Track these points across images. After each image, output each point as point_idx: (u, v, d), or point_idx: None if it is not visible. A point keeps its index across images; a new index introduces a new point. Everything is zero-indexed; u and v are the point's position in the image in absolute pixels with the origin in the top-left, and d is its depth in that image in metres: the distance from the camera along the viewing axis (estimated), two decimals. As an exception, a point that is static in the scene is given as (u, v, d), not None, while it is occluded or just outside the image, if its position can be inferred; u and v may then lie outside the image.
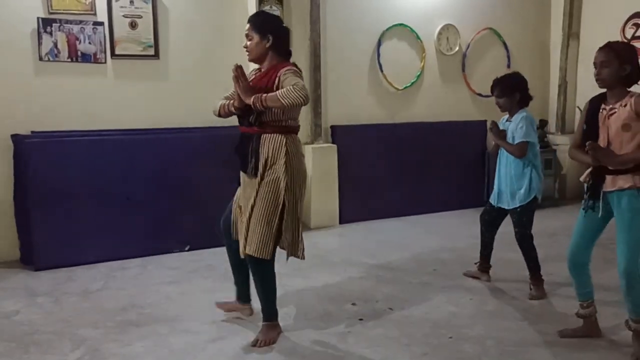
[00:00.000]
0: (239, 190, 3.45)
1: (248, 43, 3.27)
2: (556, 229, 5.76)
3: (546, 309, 3.83)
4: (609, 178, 3.02)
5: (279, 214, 3.20)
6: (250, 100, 3.06)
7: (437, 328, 3.52)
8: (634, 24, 6.94)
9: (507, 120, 4.16)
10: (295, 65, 3.27)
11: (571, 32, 7.60)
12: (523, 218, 4.03)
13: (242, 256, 3.32)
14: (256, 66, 3.41)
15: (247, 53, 3.30)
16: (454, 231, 6.04)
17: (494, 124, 4.11)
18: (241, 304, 3.65)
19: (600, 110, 3.07)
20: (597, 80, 3.05)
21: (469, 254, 5.06)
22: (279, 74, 3.14)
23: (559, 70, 7.66)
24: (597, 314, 3.32)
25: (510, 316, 3.70)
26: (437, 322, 3.61)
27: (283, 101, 2.98)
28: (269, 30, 3.23)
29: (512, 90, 4.04)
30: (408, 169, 6.81)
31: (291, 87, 2.99)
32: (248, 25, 3.27)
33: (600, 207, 3.06)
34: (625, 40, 6.94)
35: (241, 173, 3.35)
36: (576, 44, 7.64)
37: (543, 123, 7.43)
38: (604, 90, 3.09)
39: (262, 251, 3.19)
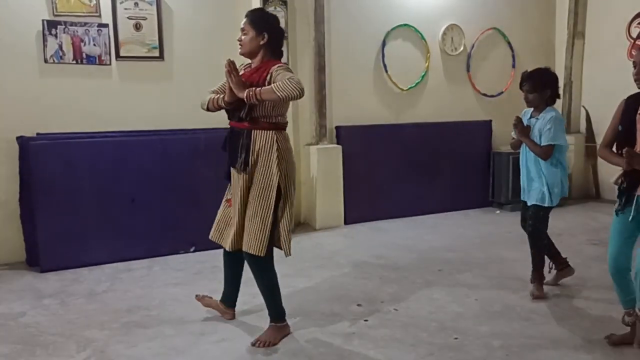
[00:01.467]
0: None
1: (243, 37, 3.29)
2: (561, 229, 5.73)
3: (552, 309, 3.80)
4: None
5: (273, 210, 3.20)
6: (243, 94, 3.07)
7: (443, 328, 3.51)
8: (640, 23, 6.93)
9: (531, 116, 3.98)
10: (287, 64, 3.28)
11: (576, 31, 7.58)
12: (540, 212, 3.94)
13: (228, 248, 3.36)
14: (247, 61, 3.41)
15: (240, 46, 3.33)
16: (459, 231, 6.03)
17: (519, 120, 3.92)
18: (224, 307, 3.70)
19: (638, 113, 2.93)
20: (635, 80, 2.92)
21: (474, 254, 5.05)
22: (270, 71, 3.16)
23: (564, 69, 7.62)
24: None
25: (517, 317, 3.68)
26: (442, 322, 3.60)
27: (279, 93, 2.98)
28: (266, 28, 3.25)
29: (544, 86, 3.86)
30: (413, 169, 6.81)
31: (286, 80, 3.00)
32: (245, 20, 3.30)
33: (631, 211, 2.92)
34: (631, 40, 6.91)
35: (231, 168, 3.35)
36: (581, 43, 7.61)
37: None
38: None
39: (257, 248, 3.19)
